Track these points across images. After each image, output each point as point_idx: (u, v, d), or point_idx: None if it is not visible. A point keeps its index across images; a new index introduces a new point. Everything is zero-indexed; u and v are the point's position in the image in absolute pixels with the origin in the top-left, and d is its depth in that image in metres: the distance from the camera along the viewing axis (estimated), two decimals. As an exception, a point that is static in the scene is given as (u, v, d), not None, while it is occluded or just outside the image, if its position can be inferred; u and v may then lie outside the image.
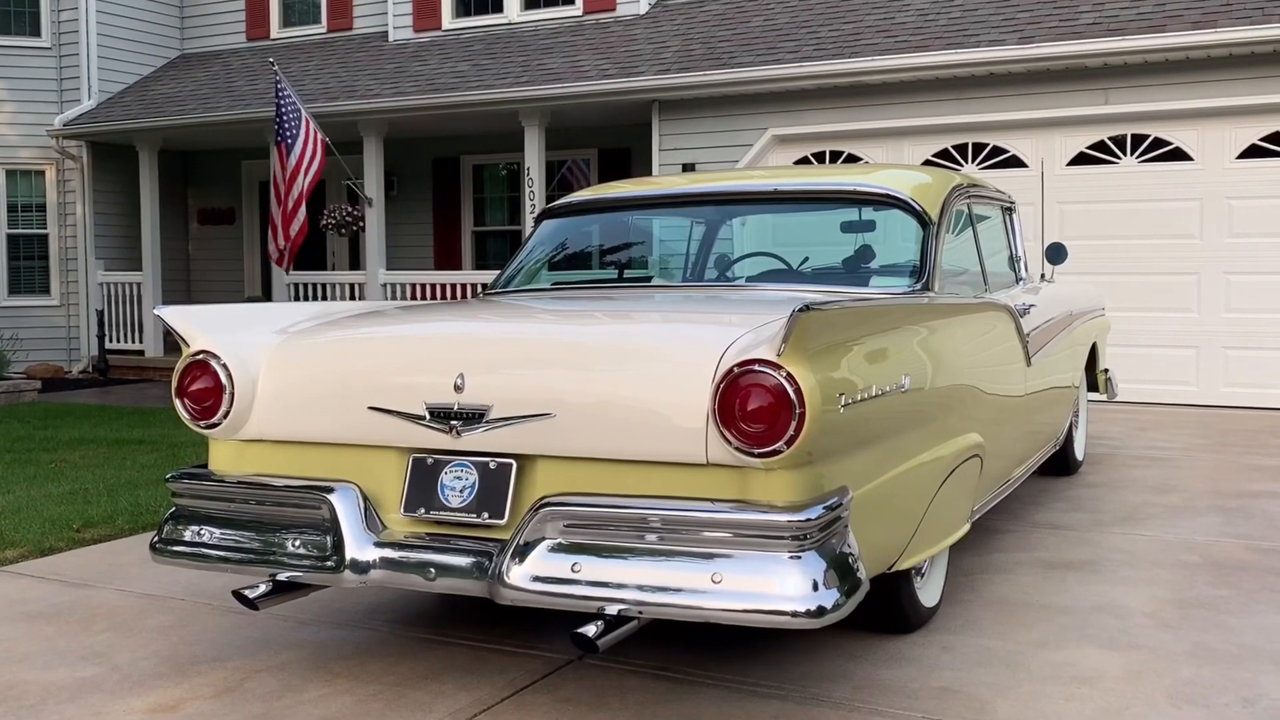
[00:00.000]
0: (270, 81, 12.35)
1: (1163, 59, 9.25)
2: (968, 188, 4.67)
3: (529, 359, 3.17)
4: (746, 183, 4.80)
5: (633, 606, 2.75)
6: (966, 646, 3.62)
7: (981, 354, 4.15)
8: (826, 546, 2.73)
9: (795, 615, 2.62)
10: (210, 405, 3.38)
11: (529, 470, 3.04)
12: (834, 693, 3.25)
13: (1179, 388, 9.61)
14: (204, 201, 16.02)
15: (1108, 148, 9.79)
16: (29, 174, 14.76)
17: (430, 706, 3.18)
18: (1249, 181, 9.33)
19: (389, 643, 3.75)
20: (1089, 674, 3.38)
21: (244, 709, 3.20)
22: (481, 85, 12.10)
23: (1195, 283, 9.56)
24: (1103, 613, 3.96)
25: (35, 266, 14.84)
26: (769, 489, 2.76)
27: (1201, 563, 4.60)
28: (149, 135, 14.08)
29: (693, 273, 4.54)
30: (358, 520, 3.13)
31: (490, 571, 2.92)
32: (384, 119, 12.74)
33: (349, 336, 3.56)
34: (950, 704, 3.16)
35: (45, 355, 14.60)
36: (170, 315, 3.48)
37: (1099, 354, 6.76)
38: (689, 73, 10.94)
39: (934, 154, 10.42)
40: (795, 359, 2.69)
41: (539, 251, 4.72)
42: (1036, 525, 5.26)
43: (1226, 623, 3.84)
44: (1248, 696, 3.20)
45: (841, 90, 10.48)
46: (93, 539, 5.27)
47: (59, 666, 3.57)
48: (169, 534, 3.41)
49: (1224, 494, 5.94)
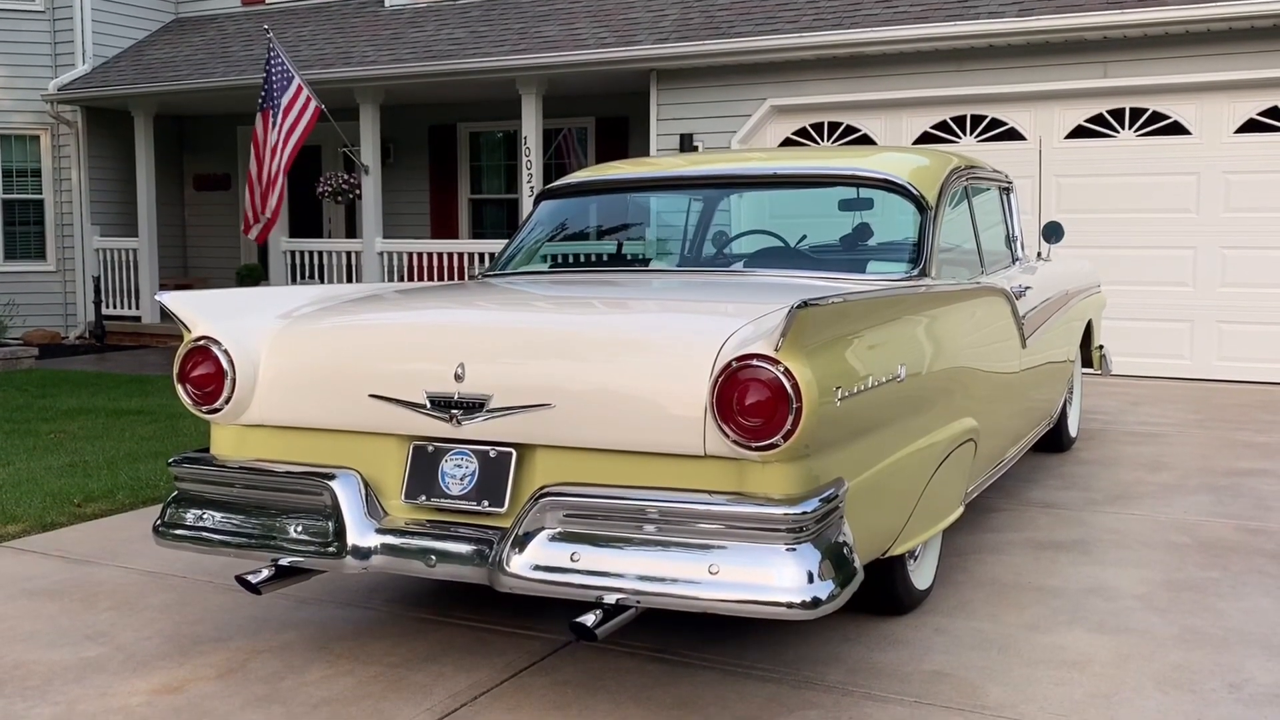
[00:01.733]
0: (265, 47, 12.26)
1: (1162, 32, 9.22)
2: (965, 169, 4.68)
3: (529, 349, 3.19)
4: (746, 165, 4.81)
5: (630, 596, 2.80)
6: (959, 629, 3.67)
7: (977, 339, 4.17)
8: (822, 538, 2.77)
9: (791, 606, 2.66)
10: (212, 391, 3.41)
11: (529, 459, 3.08)
12: (828, 676, 3.30)
13: (1172, 361, 9.66)
14: (200, 167, 15.96)
15: (1106, 121, 9.78)
16: (24, 139, 14.69)
17: (430, 689, 3.24)
18: (1247, 156, 9.33)
19: (389, 623, 3.80)
20: (1079, 658, 3.43)
21: (247, 690, 3.25)
22: (478, 53, 12.04)
23: (1191, 257, 9.58)
24: (1094, 595, 4.01)
25: (31, 232, 14.80)
26: (766, 482, 2.79)
27: (1191, 544, 4.65)
28: (144, 100, 14.01)
29: (691, 256, 4.56)
30: (359, 507, 3.16)
31: (490, 559, 2.96)
32: (380, 86, 12.67)
33: (350, 323, 3.58)
34: (942, 688, 3.21)
35: (42, 321, 14.59)
36: (171, 301, 3.50)
37: (1094, 331, 6.79)
38: (687, 42, 10.89)
39: (932, 126, 10.41)
40: (793, 354, 2.72)
41: (538, 232, 4.73)
42: (1029, 504, 5.31)
43: (1215, 606, 3.90)
44: (1234, 681, 3.26)
45: (841, 61, 10.45)
46: (94, 514, 5.31)
47: (63, 646, 3.62)
48: (171, 517, 3.44)
49: (1215, 472, 6.00)
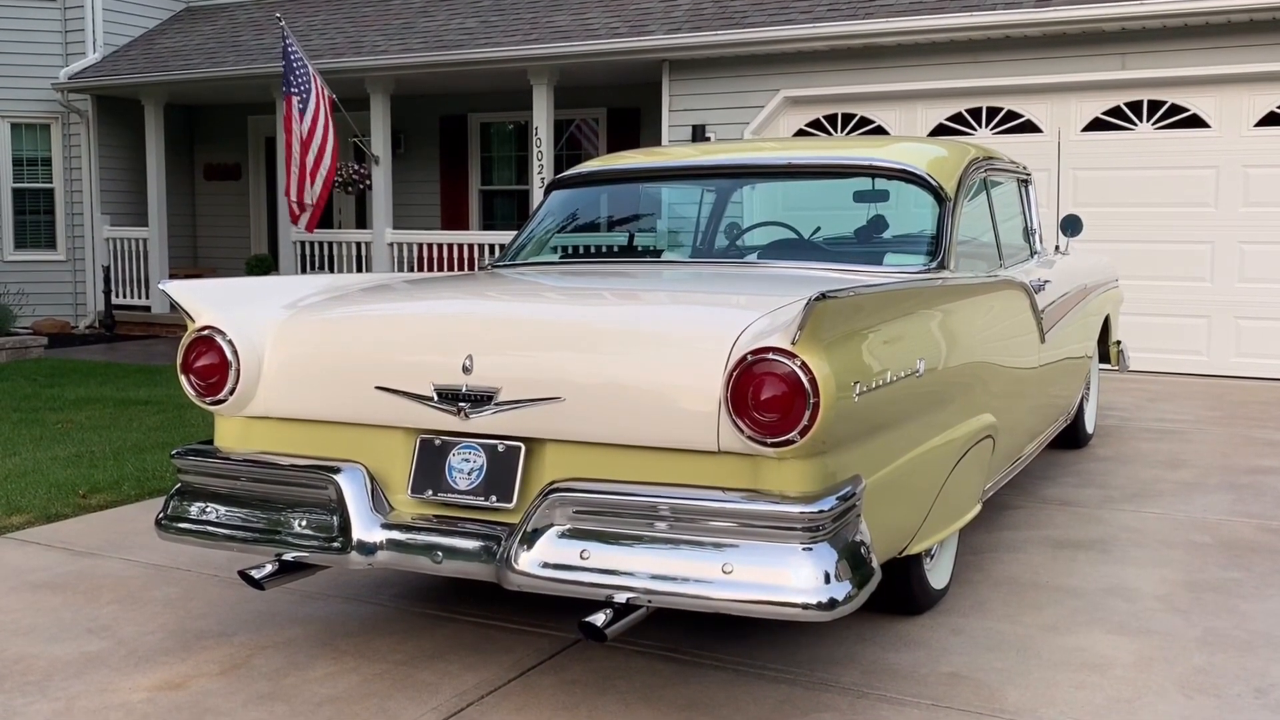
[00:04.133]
0: (276, 36, 12.21)
1: (1181, 23, 9.10)
2: (983, 160, 4.59)
3: (539, 341, 3.11)
4: (759, 155, 4.72)
5: (641, 595, 2.72)
6: (976, 630, 3.60)
7: (996, 333, 4.09)
8: (839, 537, 2.69)
9: (807, 608, 2.58)
10: (216, 382, 3.34)
11: (538, 454, 3.00)
12: (842, 677, 3.23)
13: (1190, 357, 9.54)
14: (210, 157, 15.91)
15: (1124, 114, 9.66)
16: (34, 128, 14.65)
17: (437, 687, 3.17)
18: (1266, 149, 9.20)
19: (396, 619, 3.73)
20: (1099, 660, 3.35)
21: (250, 687, 3.19)
22: (490, 43, 11.96)
23: (1209, 251, 9.46)
24: (1113, 595, 3.93)
25: (41, 221, 14.77)
26: (781, 479, 2.72)
27: (1212, 543, 4.56)
28: (155, 90, 13.95)
29: (704, 248, 4.47)
30: (364, 501, 3.10)
31: (498, 556, 2.88)
32: (391, 76, 12.59)
33: (357, 314, 3.50)
34: (959, 690, 3.14)
35: (52, 311, 14.56)
36: (175, 290, 3.44)
37: (1112, 326, 6.70)
38: (700, 32, 10.79)
39: (947, 118, 10.30)
40: (810, 348, 2.64)
41: (548, 223, 4.65)
42: (1046, 501, 5.23)
43: (1238, 607, 3.81)
44: (1260, 686, 3.17)
45: (855, 52, 10.34)
46: (99, 505, 5.26)
47: (65, 640, 3.56)
48: (175, 511, 3.38)
49: (1235, 470, 5.90)
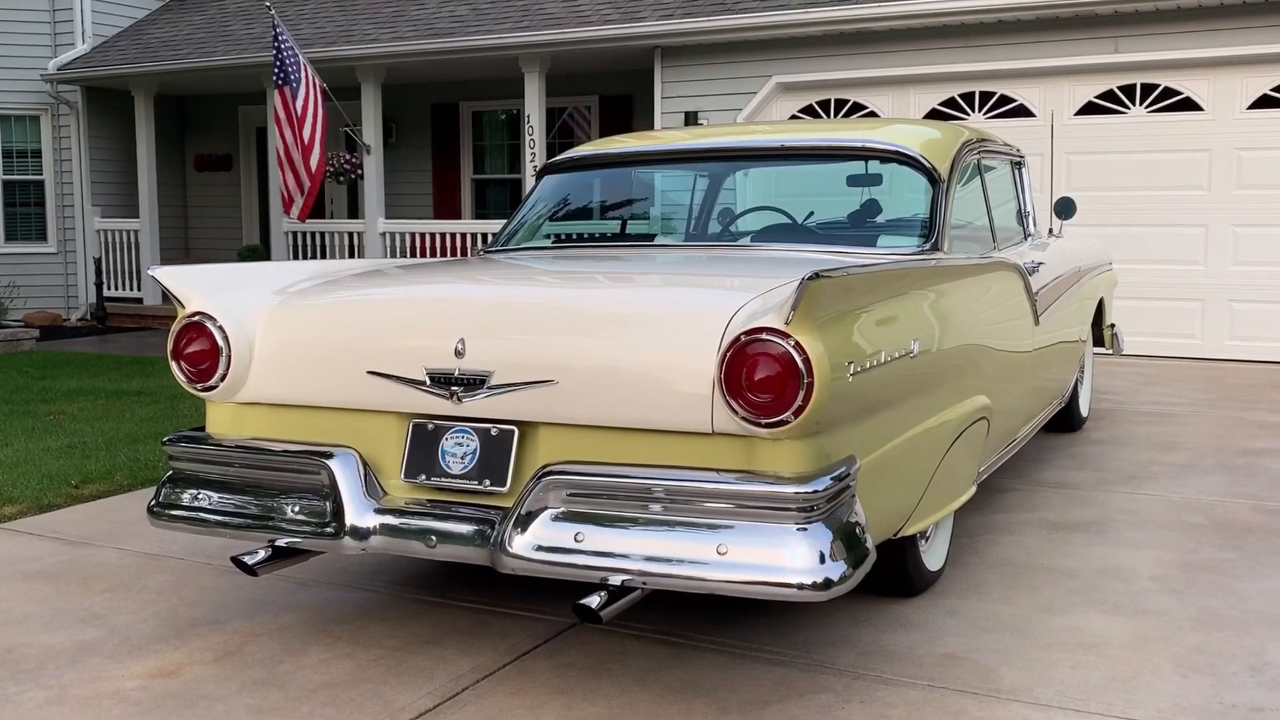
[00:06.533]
0: (267, 26, 12.14)
1: (1174, 6, 9.08)
2: (977, 142, 4.58)
3: (531, 324, 3.10)
4: (752, 138, 4.70)
5: (636, 577, 2.71)
6: (972, 611, 3.59)
7: (990, 315, 4.08)
8: (834, 517, 2.69)
9: (802, 588, 2.58)
10: (207, 368, 3.32)
11: (531, 437, 2.99)
12: (838, 659, 3.22)
13: (1183, 340, 9.55)
14: (201, 148, 15.85)
15: (1117, 97, 9.65)
16: (23, 119, 14.58)
17: (432, 673, 3.16)
18: (1259, 132, 9.20)
19: (390, 605, 3.72)
20: (1095, 640, 3.35)
21: (244, 674, 3.18)
22: (480, 30, 11.91)
23: (1203, 235, 9.46)
24: (1108, 576, 3.93)
25: (32, 213, 14.71)
26: (776, 459, 2.71)
27: (1207, 524, 4.56)
28: (145, 80, 13.88)
29: (697, 231, 4.46)
30: (357, 486, 3.08)
31: (492, 540, 2.87)
32: (382, 64, 12.55)
33: (348, 298, 3.49)
34: (956, 671, 3.13)
35: (43, 303, 14.51)
36: (165, 275, 3.41)
37: (1106, 309, 6.70)
38: (692, 18, 10.76)
39: (940, 103, 10.28)
40: (804, 328, 2.63)
41: (540, 208, 4.63)
42: (1041, 484, 5.23)
43: (1233, 587, 3.81)
44: (1255, 665, 3.17)
45: (847, 37, 10.32)
46: (91, 495, 5.24)
47: (58, 629, 3.55)
48: (166, 497, 3.36)
49: (1229, 451, 5.91)
